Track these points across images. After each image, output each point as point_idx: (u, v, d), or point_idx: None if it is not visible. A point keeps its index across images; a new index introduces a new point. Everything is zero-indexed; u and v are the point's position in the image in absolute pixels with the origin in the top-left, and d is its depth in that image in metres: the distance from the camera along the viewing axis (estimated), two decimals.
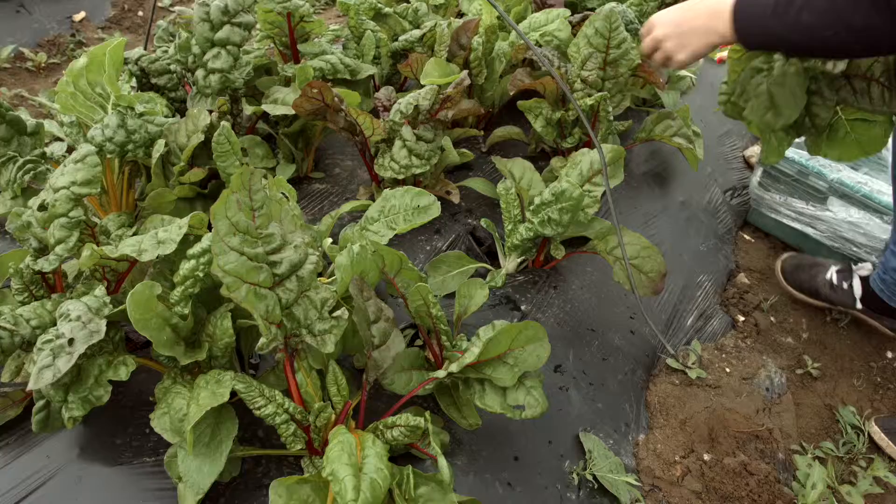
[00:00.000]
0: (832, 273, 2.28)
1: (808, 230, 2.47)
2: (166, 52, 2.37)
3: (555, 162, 2.21)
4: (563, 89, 1.66)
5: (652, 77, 2.22)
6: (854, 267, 2.27)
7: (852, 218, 2.34)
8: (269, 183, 1.31)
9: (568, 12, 2.44)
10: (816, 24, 1.42)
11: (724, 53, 2.79)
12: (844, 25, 1.39)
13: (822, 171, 2.37)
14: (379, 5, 2.64)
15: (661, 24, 1.70)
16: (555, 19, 2.43)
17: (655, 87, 2.32)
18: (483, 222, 2.00)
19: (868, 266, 2.24)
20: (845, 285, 2.26)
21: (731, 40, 1.58)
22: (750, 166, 3.07)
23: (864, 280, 2.22)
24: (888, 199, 2.22)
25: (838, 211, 2.37)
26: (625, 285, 1.82)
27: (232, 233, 1.22)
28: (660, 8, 2.54)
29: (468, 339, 1.58)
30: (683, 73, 2.64)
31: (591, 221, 1.96)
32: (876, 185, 2.33)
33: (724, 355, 2.14)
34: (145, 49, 2.42)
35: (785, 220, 2.55)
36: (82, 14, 4.20)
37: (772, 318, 2.34)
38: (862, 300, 2.22)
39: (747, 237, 2.68)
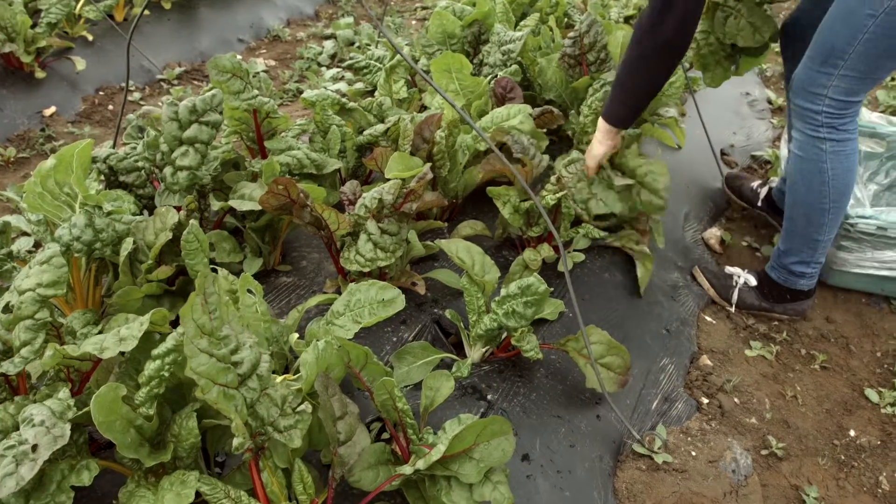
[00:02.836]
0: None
1: (893, 273, 2.80)
2: (135, 148, 2.41)
3: (527, 254, 2.26)
4: (522, 184, 1.73)
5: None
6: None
7: None
8: (220, 286, 1.34)
9: (529, 108, 2.54)
10: (635, 86, 2.28)
11: None
12: (641, 70, 2.23)
13: None
14: (343, 101, 2.72)
15: (589, 157, 2.41)
16: (517, 114, 2.52)
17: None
18: (448, 313, 2.04)
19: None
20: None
21: (617, 134, 2.36)
22: (710, 248, 3.16)
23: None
24: None
25: None
26: (597, 388, 1.89)
27: (199, 335, 1.24)
28: None
29: (435, 433, 1.59)
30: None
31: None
32: None
33: (689, 438, 2.16)
34: (115, 144, 2.46)
35: (871, 272, 2.82)
36: (52, 109, 4.25)
37: (735, 400, 2.38)
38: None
39: (708, 318, 2.74)
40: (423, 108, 2.99)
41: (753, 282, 2.79)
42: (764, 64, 5.57)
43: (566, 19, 3.88)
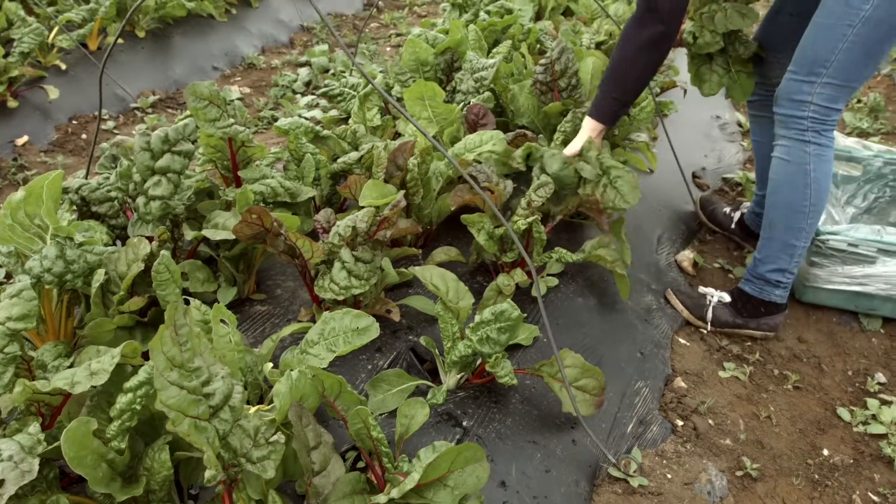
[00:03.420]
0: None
1: (865, 289, 2.86)
2: (107, 178, 2.41)
3: (501, 280, 2.28)
4: (495, 211, 1.75)
5: (598, 216, 2.42)
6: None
7: None
8: (192, 317, 1.34)
9: (501, 134, 2.57)
10: (621, 81, 2.57)
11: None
12: (627, 67, 2.55)
13: (869, 238, 2.80)
14: (317, 128, 2.73)
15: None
16: (490, 140, 2.56)
17: (598, 226, 2.47)
18: (423, 340, 2.04)
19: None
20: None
21: (601, 133, 2.66)
22: (683, 270, 3.19)
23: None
24: None
25: (890, 264, 2.80)
26: (572, 412, 1.90)
27: (170, 367, 1.24)
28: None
29: (410, 461, 1.59)
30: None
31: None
32: None
33: (664, 461, 2.18)
34: (88, 173, 2.45)
35: (843, 287, 2.87)
36: (25, 138, 4.24)
37: (710, 421, 2.40)
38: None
39: (682, 340, 2.76)
40: (397, 135, 3.01)
41: (727, 298, 2.87)
42: None
43: (539, 45, 3.92)
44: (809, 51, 2.42)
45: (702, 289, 2.95)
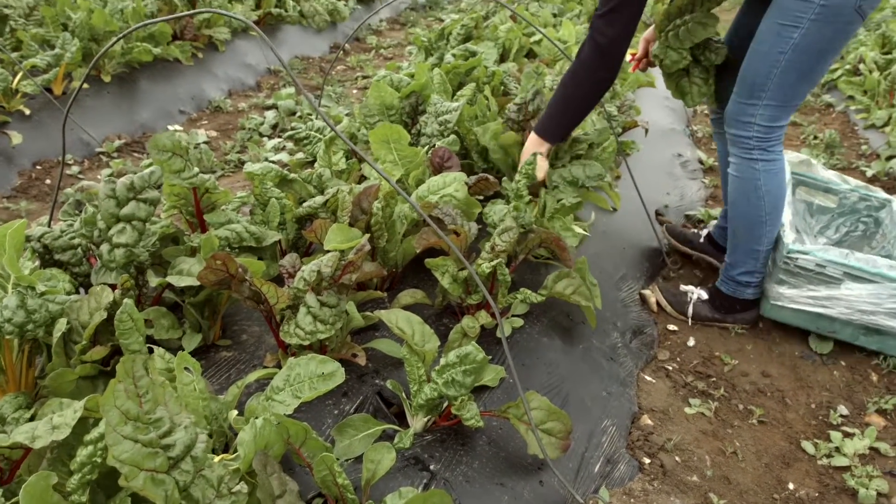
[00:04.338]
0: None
1: (827, 311, 2.90)
2: (71, 225, 2.39)
3: (466, 322, 2.29)
4: (458, 255, 1.77)
5: (562, 254, 2.46)
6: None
7: (868, 292, 2.81)
8: (154, 366, 1.33)
9: (464, 176, 2.61)
10: (570, 109, 2.79)
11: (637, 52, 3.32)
12: (580, 96, 2.75)
13: (836, 260, 2.84)
14: (283, 172, 2.75)
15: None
16: (452, 182, 2.59)
17: (564, 263, 2.50)
18: (389, 383, 2.05)
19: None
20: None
21: (547, 149, 2.87)
22: (648, 306, 3.23)
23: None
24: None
25: (854, 289, 2.83)
26: (539, 454, 1.90)
27: (123, 422, 1.23)
28: None
29: None
30: (578, 230, 2.82)
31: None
32: (884, 262, 2.86)
33: (632, 500, 2.18)
34: (51, 219, 2.44)
35: (806, 308, 2.94)
36: None
37: (676, 458, 2.41)
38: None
39: (648, 378, 2.79)
40: (363, 178, 3.03)
41: (706, 296, 3.18)
42: (694, 125, 5.80)
43: (503, 87, 3.99)
44: (749, 76, 2.65)
45: (683, 287, 3.26)
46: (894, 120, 5.24)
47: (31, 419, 1.72)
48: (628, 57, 3.15)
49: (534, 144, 2.84)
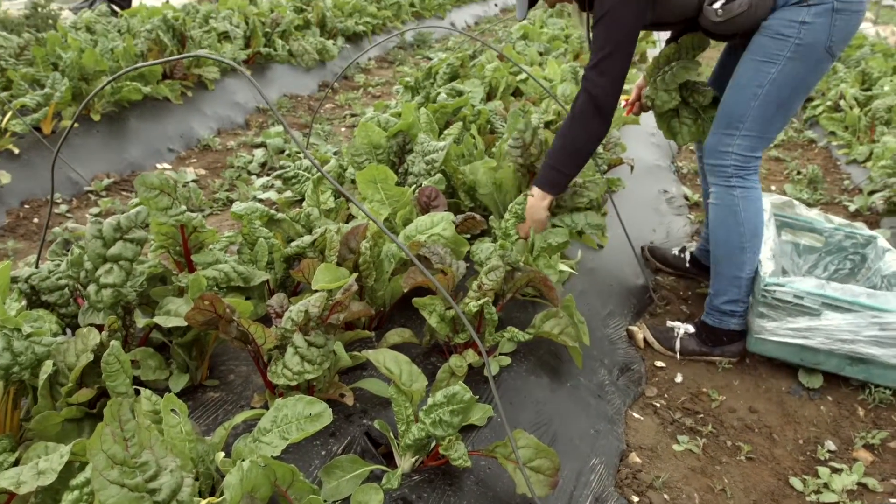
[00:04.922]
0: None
1: (808, 342, 2.94)
2: (58, 265, 2.39)
3: (453, 361, 2.29)
4: (445, 295, 1.79)
5: (549, 293, 2.48)
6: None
7: (846, 321, 2.86)
8: (140, 409, 1.33)
9: (451, 215, 2.63)
10: (569, 160, 2.87)
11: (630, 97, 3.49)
12: (578, 146, 2.84)
13: (813, 291, 2.90)
14: (271, 212, 2.76)
15: (529, 220, 2.93)
16: (440, 222, 2.61)
17: (551, 302, 2.53)
18: (377, 424, 2.04)
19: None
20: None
21: (550, 201, 2.91)
22: (635, 342, 3.25)
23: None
24: (872, 300, 2.87)
25: (833, 319, 2.87)
26: (527, 493, 1.90)
27: (110, 466, 1.23)
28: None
29: None
30: (564, 268, 2.84)
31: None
32: (860, 291, 2.92)
33: None
34: (38, 259, 2.44)
35: (786, 339, 2.98)
36: None
37: (665, 496, 2.41)
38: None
39: (636, 415, 2.79)
40: (351, 217, 3.05)
41: (692, 329, 3.24)
42: (679, 162, 5.87)
43: (489, 126, 4.04)
44: (728, 108, 2.84)
45: (670, 322, 3.31)
46: (875, 155, 5.33)
47: (16, 462, 1.71)
48: (621, 102, 3.24)
49: (538, 200, 2.90)
